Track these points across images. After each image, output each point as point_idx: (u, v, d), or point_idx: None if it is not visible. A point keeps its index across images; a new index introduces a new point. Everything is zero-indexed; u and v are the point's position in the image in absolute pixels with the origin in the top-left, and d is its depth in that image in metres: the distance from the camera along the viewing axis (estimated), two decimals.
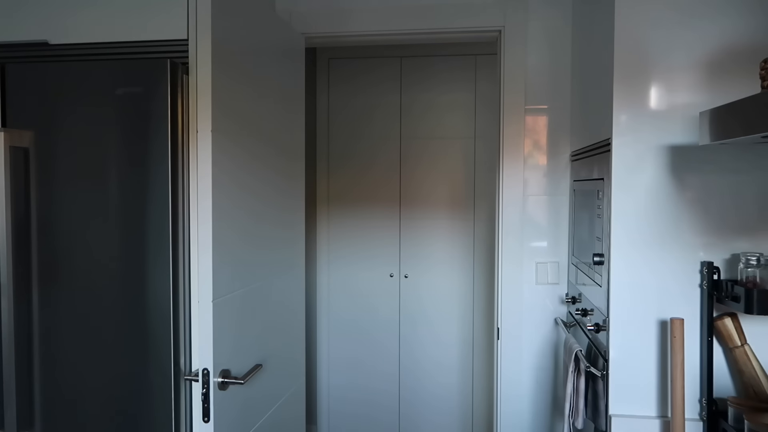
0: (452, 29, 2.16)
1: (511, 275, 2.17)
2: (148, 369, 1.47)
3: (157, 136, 1.44)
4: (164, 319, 1.46)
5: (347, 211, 3.22)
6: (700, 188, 1.44)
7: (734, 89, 1.40)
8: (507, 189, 2.16)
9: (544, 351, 2.18)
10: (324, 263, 3.24)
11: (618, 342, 1.48)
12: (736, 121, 1.11)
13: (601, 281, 1.58)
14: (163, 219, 1.45)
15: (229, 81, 1.48)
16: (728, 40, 1.41)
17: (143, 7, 1.54)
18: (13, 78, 1.50)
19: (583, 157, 1.88)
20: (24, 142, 1.48)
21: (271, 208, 1.79)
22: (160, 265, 1.45)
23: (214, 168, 1.39)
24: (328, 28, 2.20)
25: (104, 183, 1.47)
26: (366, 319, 3.21)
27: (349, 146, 3.21)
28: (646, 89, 1.46)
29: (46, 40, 1.58)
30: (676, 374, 1.38)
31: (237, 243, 1.54)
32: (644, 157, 1.46)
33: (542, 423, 2.19)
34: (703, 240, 1.44)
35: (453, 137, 3.13)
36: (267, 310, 1.75)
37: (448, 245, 3.15)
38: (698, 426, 1.43)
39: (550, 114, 2.16)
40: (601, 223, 1.58)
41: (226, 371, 1.45)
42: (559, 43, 2.13)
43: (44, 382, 1.52)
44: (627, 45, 1.46)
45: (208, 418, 1.40)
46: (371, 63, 3.18)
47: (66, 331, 1.51)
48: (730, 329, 1.39)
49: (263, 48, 1.73)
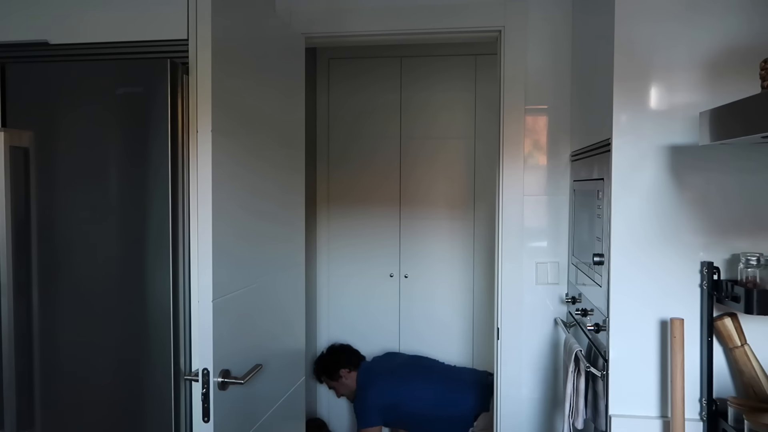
0: (452, 29, 2.16)
1: (511, 275, 2.16)
2: (148, 369, 1.47)
3: (157, 136, 1.44)
4: (164, 319, 1.46)
5: (347, 211, 3.22)
6: (700, 188, 1.44)
7: (734, 89, 1.40)
8: (507, 189, 2.16)
9: (544, 351, 2.18)
10: (324, 263, 3.24)
11: (618, 342, 1.48)
12: (736, 121, 1.11)
13: (601, 281, 1.58)
14: (163, 219, 1.45)
15: (229, 81, 1.48)
16: (728, 40, 1.41)
17: (143, 7, 1.54)
18: (13, 78, 1.50)
19: (583, 157, 1.88)
20: (24, 142, 1.48)
21: (272, 209, 1.79)
22: (160, 265, 1.45)
23: (214, 168, 1.39)
24: (328, 28, 2.20)
25: (104, 183, 1.47)
26: (366, 319, 3.21)
27: (349, 146, 3.21)
28: (646, 89, 1.46)
29: (46, 40, 1.58)
30: (676, 374, 1.38)
31: (237, 243, 1.54)
32: (644, 157, 1.46)
33: (542, 423, 2.19)
34: (703, 240, 1.44)
35: (453, 137, 3.13)
36: (267, 310, 1.75)
37: (448, 245, 3.15)
38: (698, 426, 1.43)
39: (550, 114, 2.16)
40: (601, 223, 1.58)
41: (226, 371, 1.45)
42: (559, 43, 2.13)
43: (44, 382, 1.52)
44: (627, 45, 1.46)
45: (208, 418, 1.40)
46: (371, 63, 3.18)
47: (66, 331, 1.51)
48: (730, 329, 1.39)
49: (263, 48, 1.73)
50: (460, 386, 2.59)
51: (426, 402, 2.53)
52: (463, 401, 2.52)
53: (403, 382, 2.61)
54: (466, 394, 2.55)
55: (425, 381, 2.62)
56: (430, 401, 2.53)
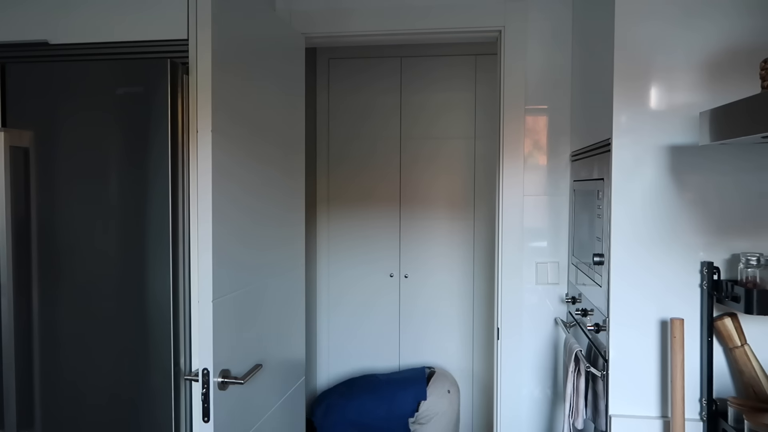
0: (452, 29, 2.16)
1: (511, 275, 2.17)
2: (148, 369, 1.47)
3: (157, 136, 1.44)
4: (164, 319, 1.46)
5: (347, 211, 3.22)
6: (700, 188, 1.44)
7: (734, 89, 1.40)
8: (507, 189, 2.16)
9: (544, 351, 2.18)
10: (324, 263, 3.24)
11: (618, 342, 1.48)
12: (736, 121, 1.11)
13: (601, 281, 1.58)
14: (163, 219, 1.45)
15: (229, 81, 1.48)
16: (728, 40, 1.41)
17: (143, 7, 1.54)
18: (13, 78, 1.50)
19: (583, 157, 1.88)
20: (24, 142, 1.48)
21: (272, 208, 1.79)
22: (160, 264, 1.45)
23: (214, 168, 1.39)
24: (328, 28, 2.20)
25: (104, 183, 1.47)
26: (366, 319, 3.21)
27: (349, 146, 3.21)
28: (646, 89, 1.46)
29: (46, 39, 1.58)
30: (676, 374, 1.38)
31: (237, 242, 1.54)
32: (644, 157, 1.46)
33: (542, 423, 2.19)
34: (703, 240, 1.44)
35: (453, 137, 3.13)
36: (267, 310, 1.75)
37: (448, 245, 3.15)
38: (698, 426, 1.43)
39: (550, 114, 2.16)
40: (601, 223, 1.58)
41: (225, 371, 1.45)
42: (559, 43, 2.13)
43: (44, 382, 1.52)
44: (627, 45, 1.46)
45: (208, 418, 1.40)
46: (371, 63, 3.18)
47: (66, 331, 1.51)
48: (730, 329, 1.39)
49: (263, 48, 1.73)
50: (400, 385, 2.87)
51: (374, 411, 2.82)
52: (404, 398, 2.80)
53: (353, 401, 2.87)
54: (407, 390, 2.82)
55: (369, 393, 2.89)
56: (377, 410, 2.82)
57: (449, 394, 2.81)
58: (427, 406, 2.74)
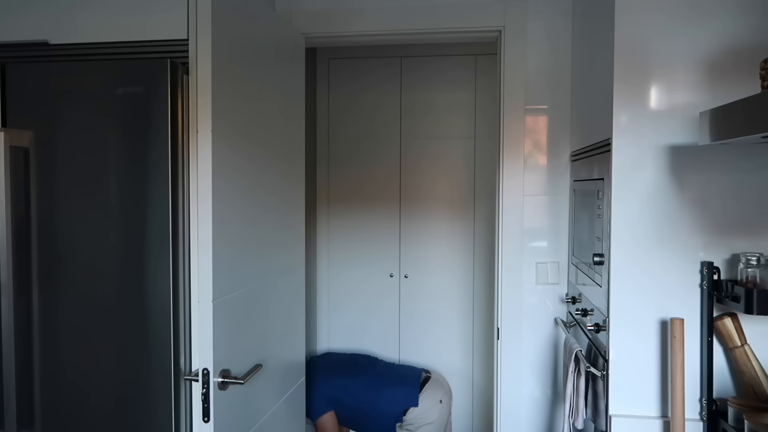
0: (452, 29, 2.16)
1: (511, 275, 2.17)
2: (148, 369, 1.47)
3: (157, 136, 1.44)
4: (164, 319, 1.46)
5: (347, 210, 3.22)
6: (700, 188, 1.44)
7: (734, 89, 1.40)
8: (507, 189, 2.16)
9: (544, 351, 2.18)
10: (324, 262, 3.24)
11: (618, 342, 1.48)
12: (736, 121, 1.11)
13: (601, 281, 1.58)
14: (163, 219, 1.45)
15: (230, 81, 1.48)
16: (728, 39, 1.41)
17: (143, 7, 1.54)
18: (13, 78, 1.50)
19: (583, 157, 1.88)
20: (24, 142, 1.48)
21: (272, 207, 1.79)
22: (160, 265, 1.45)
23: (214, 168, 1.39)
24: (328, 28, 2.20)
25: (104, 183, 1.47)
26: (366, 319, 3.21)
27: (349, 146, 3.21)
28: (646, 89, 1.46)
29: (46, 40, 1.58)
30: (676, 374, 1.38)
31: (237, 242, 1.54)
32: (644, 157, 1.46)
33: (542, 423, 2.19)
34: (703, 240, 1.44)
35: (453, 137, 3.13)
36: (267, 310, 1.75)
37: (448, 245, 3.15)
38: (698, 426, 1.43)
39: (550, 114, 2.16)
40: (601, 223, 1.58)
41: (226, 371, 1.45)
42: (559, 43, 2.13)
43: (44, 382, 1.52)
44: (627, 45, 1.46)
45: (208, 418, 1.40)
46: (371, 63, 3.18)
47: (66, 331, 1.51)
48: (730, 329, 1.39)
49: (263, 48, 1.73)
50: (392, 381, 2.76)
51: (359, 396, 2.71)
52: (392, 396, 2.69)
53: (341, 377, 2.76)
54: (397, 389, 2.71)
55: (359, 376, 2.78)
56: (362, 396, 2.70)
57: (441, 404, 2.71)
58: (416, 414, 2.65)
